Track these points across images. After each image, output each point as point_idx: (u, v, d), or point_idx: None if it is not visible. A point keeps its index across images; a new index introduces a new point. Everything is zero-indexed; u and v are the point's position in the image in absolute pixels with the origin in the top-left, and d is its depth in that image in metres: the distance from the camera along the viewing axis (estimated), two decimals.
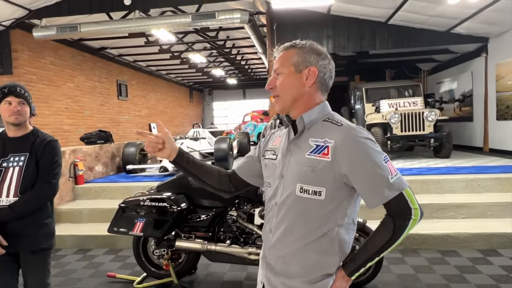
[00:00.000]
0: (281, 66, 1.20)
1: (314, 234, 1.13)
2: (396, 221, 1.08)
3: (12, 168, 1.94)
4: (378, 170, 1.06)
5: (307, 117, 1.18)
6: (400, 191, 1.07)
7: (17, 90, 1.96)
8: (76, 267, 3.82)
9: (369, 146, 1.08)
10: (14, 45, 8.36)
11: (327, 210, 1.12)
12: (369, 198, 1.09)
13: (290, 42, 1.22)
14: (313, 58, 1.18)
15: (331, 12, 7.35)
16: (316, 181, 1.11)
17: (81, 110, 10.15)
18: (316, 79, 1.18)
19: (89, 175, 5.99)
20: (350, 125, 1.14)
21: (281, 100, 1.21)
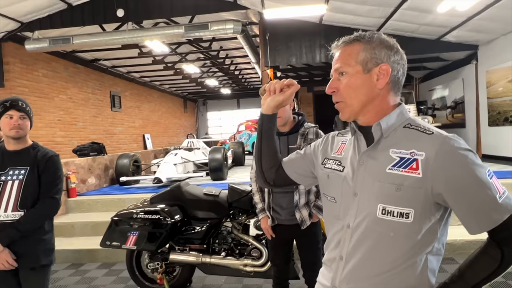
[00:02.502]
0: (344, 65, 1.01)
1: (400, 264, 0.94)
2: (505, 250, 0.88)
3: (11, 182, 1.92)
4: (483, 189, 0.87)
5: (385, 123, 0.99)
6: (510, 213, 0.87)
7: (19, 104, 1.95)
8: (68, 283, 3.74)
9: (471, 160, 0.89)
10: (6, 58, 8.32)
11: (416, 235, 0.93)
12: (471, 223, 0.89)
13: (354, 34, 1.02)
14: (383, 54, 0.99)
15: (323, 22, 7.43)
16: (402, 201, 0.93)
17: (74, 122, 10.08)
18: (389, 78, 0.99)
19: (81, 187, 5.91)
20: (443, 133, 0.94)
21: (346, 107, 1.02)
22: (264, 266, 2.91)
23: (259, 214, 2.45)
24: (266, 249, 2.93)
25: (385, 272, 0.96)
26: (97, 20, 7.80)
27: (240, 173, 7.91)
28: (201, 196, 3.11)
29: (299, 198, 2.30)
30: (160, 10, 7.53)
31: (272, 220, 2.37)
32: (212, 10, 7.45)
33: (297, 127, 2.36)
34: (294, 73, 11.79)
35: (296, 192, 2.30)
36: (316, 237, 2.40)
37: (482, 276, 0.91)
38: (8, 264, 1.86)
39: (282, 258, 2.46)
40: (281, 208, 2.34)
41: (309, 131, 2.34)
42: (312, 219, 2.33)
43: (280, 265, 2.46)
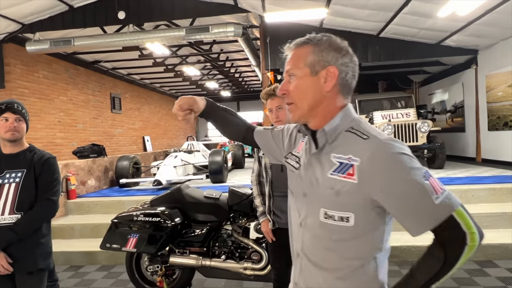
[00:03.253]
0: (294, 67, 1.01)
1: (348, 266, 0.97)
2: (448, 250, 0.88)
3: (8, 185, 1.91)
4: (418, 192, 0.87)
5: (330, 128, 1.00)
6: (449, 213, 0.87)
7: (14, 106, 1.94)
8: (67, 285, 3.72)
9: (405, 163, 0.88)
10: (6, 59, 8.32)
11: (359, 238, 0.96)
12: (410, 226, 0.90)
13: (305, 37, 1.03)
14: (331, 56, 0.99)
15: (323, 26, 7.45)
16: (342, 206, 0.95)
17: (74, 123, 10.08)
18: (337, 81, 0.99)
19: (81, 189, 5.90)
20: (379, 137, 0.94)
21: (296, 108, 1.03)
22: (264, 270, 2.90)
23: (260, 218, 2.45)
24: (266, 252, 2.92)
25: (336, 273, 0.98)
26: (98, 22, 7.82)
27: (240, 176, 7.90)
28: (202, 199, 3.11)
29: None
30: (161, 12, 7.55)
31: (273, 223, 2.37)
32: (213, 13, 7.47)
33: None
34: None
35: None
36: None
37: (429, 276, 0.91)
38: (3, 268, 1.84)
39: (282, 262, 2.45)
40: (281, 212, 2.34)
41: None
42: None
43: (280, 268, 2.46)
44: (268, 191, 2.37)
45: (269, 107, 2.36)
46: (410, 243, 3.99)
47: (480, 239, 0.89)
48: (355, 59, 1.03)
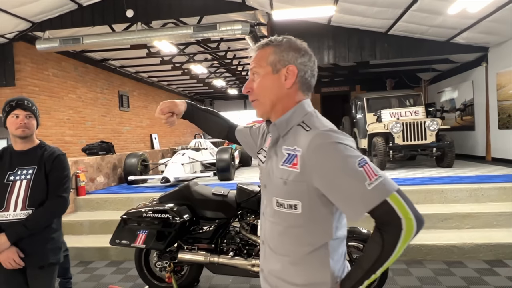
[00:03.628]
0: (257, 66, 1.09)
1: (301, 251, 1.03)
2: (384, 235, 0.92)
3: (20, 181, 1.93)
4: (351, 178, 0.92)
5: (279, 122, 1.08)
6: (383, 198, 0.90)
7: (24, 103, 1.96)
8: (77, 280, 3.77)
9: (338, 151, 0.94)
10: (17, 57, 8.43)
11: (308, 225, 1.01)
12: (347, 211, 0.95)
13: (267, 39, 1.11)
14: (291, 56, 1.07)
15: (331, 23, 7.42)
16: (289, 194, 1.02)
17: (83, 121, 10.17)
18: (296, 78, 1.07)
19: (90, 186, 5.97)
20: (320, 128, 1.01)
21: (260, 105, 1.11)
22: None
23: None
24: None
25: (290, 257, 1.05)
26: (107, 21, 7.87)
27: (247, 174, 7.92)
28: (210, 196, 3.13)
29: None
30: (169, 10, 7.57)
31: None
32: (220, 11, 7.47)
33: None
34: None
35: None
36: None
37: (371, 261, 0.94)
38: (14, 263, 1.87)
39: None
40: None
41: None
42: None
43: None
44: None
45: None
46: (418, 242, 3.96)
47: (417, 225, 0.91)
48: (314, 59, 1.11)
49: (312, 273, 1.02)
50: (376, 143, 6.90)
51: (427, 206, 4.73)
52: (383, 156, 6.76)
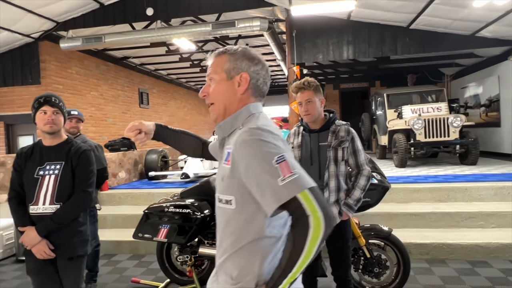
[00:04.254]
0: (213, 73, 1.17)
1: (236, 245, 1.07)
2: (294, 231, 0.95)
3: (48, 176, 2.00)
4: (264, 173, 0.96)
5: (223, 123, 1.16)
6: (293, 194, 0.93)
7: (52, 100, 2.03)
8: (101, 272, 3.88)
9: (257, 147, 0.99)
10: (42, 56, 8.69)
11: (242, 220, 1.05)
12: (262, 205, 0.98)
13: (223, 48, 1.19)
14: (244, 64, 1.14)
15: (351, 18, 7.30)
16: (225, 189, 1.08)
17: (105, 118, 10.41)
18: (249, 85, 1.14)
19: (113, 181, 6.11)
20: (249, 126, 1.06)
21: (215, 108, 1.17)
22: None
23: None
24: None
25: (228, 251, 1.09)
26: (128, 19, 8.01)
27: None
28: None
29: (329, 196, 2.30)
30: (188, 8, 7.63)
31: None
32: (239, 8, 7.48)
33: (328, 125, 2.35)
34: (320, 70, 11.67)
35: (326, 189, 2.29)
36: (346, 235, 2.38)
37: (285, 258, 0.96)
38: (46, 254, 1.95)
39: None
40: None
41: (340, 129, 2.32)
42: (341, 217, 2.32)
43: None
44: None
45: (299, 100, 2.36)
46: (440, 240, 3.89)
47: (325, 223, 0.92)
48: (267, 68, 1.19)
49: (243, 268, 1.06)
50: (397, 140, 6.78)
51: (450, 204, 4.62)
52: (403, 153, 6.64)
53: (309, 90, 2.32)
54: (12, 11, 7.12)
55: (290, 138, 2.48)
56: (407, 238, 3.81)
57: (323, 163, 2.30)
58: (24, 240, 1.97)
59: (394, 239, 2.99)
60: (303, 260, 0.94)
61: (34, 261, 1.99)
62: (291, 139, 2.47)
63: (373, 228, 3.02)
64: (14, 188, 2.03)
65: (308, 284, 2.51)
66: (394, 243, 2.99)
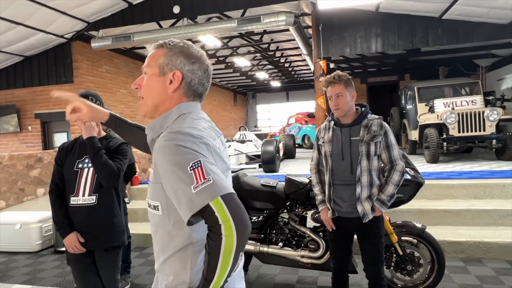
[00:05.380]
0: (147, 66, 1.10)
1: (167, 251, 1.04)
2: (208, 239, 0.91)
3: (87, 169, 2.08)
4: (179, 181, 0.91)
5: (152, 125, 1.10)
6: (206, 202, 0.88)
7: (89, 99, 2.10)
8: (134, 264, 4.00)
9: (172, 153, 0.93)
10: (74, 56, 9.02)
11: (169, 226, 1.01)
12: (180, 212, 0.94)
13: (163, 41, 1.11)
14: (179, 61, 1.07)
15: (379, 10, 7.11)
16: (152, 194, 1.04)
17: (134, 115, 10.69)
18: (181, 84, 1.07)
19: (143, 176, 6.28)
20: (170, 129, 1.01)
21: (144, 104, 1.11)
22: (322, 258, 2.89)
23: (319, 206, 2.43)
24: (324, 241, 2.91)
25: (160, 256, 1.07)
26: (155, 17, 8.16)
27: (291, 166, 7.90)
28: (259, 186, 3.16)
29: (361, 191, 2.25)
30: (214, 4, 7.68)
31: (333, 212, 2.34)
32: (265, 3, 7.45)
33: (360, 119, 2.30)
34: (346, 64, 11.46)
35: (358, 184, 2.25)
36: (379, 232, 2.33)
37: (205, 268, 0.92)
38: (77, 248, 2.03)
39: (342, 251, 2.43)
40: (342, 201, 2.31)
41: (373, 123, 2.27)
42: (374, 213, 2.27)
43: (340, 257, 2.44)
44: (329, 179, 2.34)
45: (329, 94, 2.32)
46: (476, 239, 3.74)
47: (237, 231, 0.87)
48: (206, 68, 1.12)
49: (176, 275, 1.03)
50: (429, 135, 6.56)
51: (487, 201, 4.42)
52: (436, 148, 6.42)
53: (340, 84, 2.28)
54: (47, 13, 7.42)
55: (321, 133, 2.45)
56: (441, 236, 3.69)
57: (354, 158, 2.26)
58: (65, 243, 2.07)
59: (428, 236, 2.90)
60: (221, 268, 0.90)
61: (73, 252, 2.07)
62: (321, 133, 2.44)
63: (405, 224, 2.95)
64: (55, 181, 2.12)
65: (339, 280, 2.49)
66: (428, 240, 2.90)
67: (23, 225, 4.57)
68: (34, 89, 9.37)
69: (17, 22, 7.45)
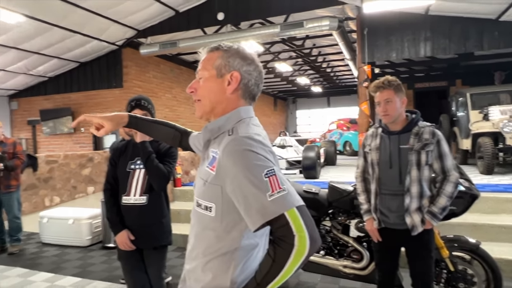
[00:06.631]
0: (202, 69, 1.11)
1: (211, 253, 1.03)
2: (277, 249, 0.91)
3: (139, 170, 2.18)
4: (252, 187, 0.91)
5: (212, 126, 1.10)
6: (281, 212, 0.88)
7: (141, 103, 2.21)
8: (176, 263, 4.12)
9: (246, 158, 0.93)
10: (124, 62, 9.52)
11: (220, 229, 1.01)
12: (247, 220, 0.94)
13: (217, 44, 1.13)
14: (237, 63, 1.08)
15: (429, 12, 6.80)
16: (206, 195, 1.03)
17: (177, 118, 11.05)
18: (239, 85, 1.08)
19: (185, 178, 6.45)
20: (240, 134, 1.00)
21: (200, 105, 1.12)
22: (365, 270, 2.79)
23: (364, 215, 2.35)
24: (368, 252, 2.81)
25: (201, 258, 1.05)
26: (200, 24, 8.41)
27: (332, 173, 7.74)
28: (301, 192, 3.12)
29: (410, 202, 2.15)
30: (258, 10, 7.77)
31: (379, 222, 2.25)
32: (308, 8, 7.42)
33: (410, 126, 2.20)
34: (392, 69, 11.07)
35: (407, 195, 2.15)
36: (429, 245, 2.21)
37: (262, 274, 0.94)
38: (127, 246, 2.12)
39: (389, 264, 2.33)
40: (389, 211, 2.22)
41: (424, 131, 2.16)
42: (424, 225, 2.15)
43: (386, 270, 2.34)
44: (375, 188, 2.26)
45: (377, 100, 2.25)
46: None
47: (310, 245, 0.88)
48: (260, 70, 1.13)
49: (214, 278, 1.02)
50: (482, 144, 6.15)
51: None
52: (490, 158, 5.99)
53: (389, 89, 2.20)
54: (102, 22, 7.90)
55: (367, 140, 2.37)
56: (496, 253, 3.42)
57: (403, 167, 2.16)
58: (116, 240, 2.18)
59: (482, 252, 2.70)
60: (281, 278, 0.92)
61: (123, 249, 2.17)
62: (368, 140, 2.37)
63: (458, 239, 2.77)
64: (109, 181, 2.24)
65: None
66: (483, 257, 2.70)
67: (75, 220, 4.86)
68: (88, 93, 10.00)
69: (75, 31, 8.01)
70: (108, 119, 1.37)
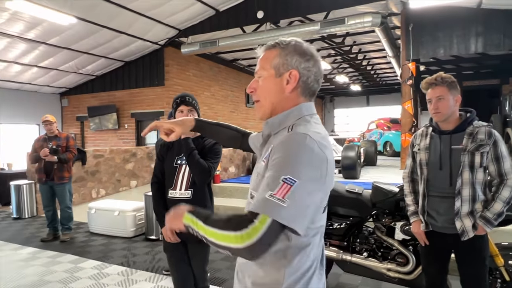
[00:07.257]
0: (261, 69, 1.09)
1: None
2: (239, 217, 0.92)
3: (185, 165, 2.24)
4: (268, 180, 0.92)
5: (272, 121, 1.09)
6: (259, 212, 0.89)
7: (186, 99, 2.26)
8: (214, 258, 4.19)
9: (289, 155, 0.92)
10: (166, 61, 9.82)
11: None
12: None
13: (274, 41, 1.09)
14: (295, 60, 1.05)
15: (482, 6, 6.41)
16: (258, 187, 0.99)
17: (215, 116, 11.24)
18: (298, 83, 1.05)
19: (224, 175, 6.56)
20: (299, 130, 0.98)
21: (260, 106, 1.11)
22: (411, 274, 2.69)
23: (411, 217, 2.27)
24: (414, 256, 2.70)
25: None
26: (240, 23, 8.49)
27: (373, 173, 7.53)
28: (343, 192, 3.06)
29: (461, 205, 2.03)
30: (297, 8, 7.71)
31: (426, 225, 2.16)
32: (349, 4, 7.26)
33: (464, 125, 2.08)
34: (437, 67, 10.57)
35: (458, 198, 2.04)
36: (482, 252, 2.09)
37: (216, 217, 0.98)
38: (173, 238, 2.16)
39: (436, 269, 2.23)
40: (437, 214, 2.12)
41: (480, 131, 2.03)
42: (476, 231, 2.03)
43: (434, 276, 2.24)
44: (423, 189, 2.17)
45: (429, 97, 2.15)
46: None
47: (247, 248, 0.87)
48: (320, 65, 1.09)
49: (266, 273, 1.02)
50: None
51: None
52: None
53: (442, 86, 2.09)
54: (146, 22, 8.20)
55: (417, 139, 2.28)
56: None
57: (455, 169, 2.05)
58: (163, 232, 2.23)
59: None
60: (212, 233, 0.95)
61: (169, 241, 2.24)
62: (417, 140, 2.27)
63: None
64: (156, 175, 2.32)
65: None
66: None
67: (121, 212, 5.09)
68: (131, 91, 10.44)
69: (121, 32, 8.38)
70: (177, 124, 1.42)
